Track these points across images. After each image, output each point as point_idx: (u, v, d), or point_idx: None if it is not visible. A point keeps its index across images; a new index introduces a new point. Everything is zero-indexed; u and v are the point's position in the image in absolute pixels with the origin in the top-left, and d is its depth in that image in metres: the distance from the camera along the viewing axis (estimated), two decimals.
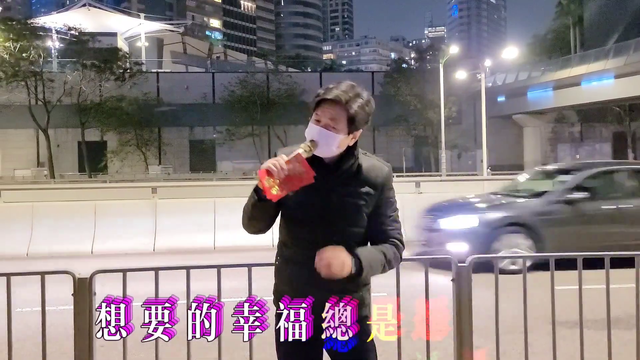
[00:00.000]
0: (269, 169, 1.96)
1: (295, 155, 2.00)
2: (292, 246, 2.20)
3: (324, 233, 2.13)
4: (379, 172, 2.20)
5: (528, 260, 5.03)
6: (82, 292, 2.66)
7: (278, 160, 1.98)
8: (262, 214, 2.14)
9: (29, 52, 42.42)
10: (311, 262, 2.08)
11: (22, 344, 4.61)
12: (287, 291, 2.19)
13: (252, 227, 2.20)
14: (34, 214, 10.77)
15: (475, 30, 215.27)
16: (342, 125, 2.10)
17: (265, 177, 1.96)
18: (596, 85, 41.16)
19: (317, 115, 2.13)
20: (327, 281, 2.10)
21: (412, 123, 49.65)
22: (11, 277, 2.75)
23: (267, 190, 1.96)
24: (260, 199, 2.05)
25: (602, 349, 4.57)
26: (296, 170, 1.98)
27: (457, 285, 2.95)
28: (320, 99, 2.13)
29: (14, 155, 48.28)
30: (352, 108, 2.10)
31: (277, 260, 2.28)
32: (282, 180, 1.97)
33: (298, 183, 2.00)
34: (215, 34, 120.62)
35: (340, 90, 2.11)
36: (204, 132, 52.02)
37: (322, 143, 2.08)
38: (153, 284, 2.82)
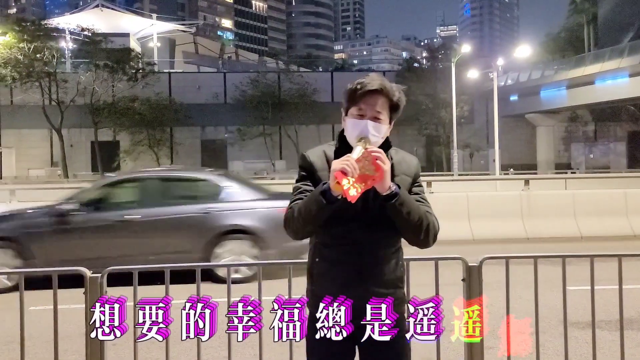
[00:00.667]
0: (343, 169, 1.92)
1: (364, 153, 1.97)
2: (334, 245, 2.16)
3: (365, 229, 2.12)
4: (410, 164, 2.24)
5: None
6: (94, 291, 2.68)
7: (349, 159, 1.95)
8: (321, 217, 2.06)
9: (42, 53, 42.74)
10: (355, 260, 2.09)
11: (34, 342, 4.65)
12: (330, 291, 2.14)
13: (304, 232, 2.15)
14: None
15: (488, 29, 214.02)
16: (386, 114, 2.12)
17: (343, 177, 1.91)
18: (610, 84, 40.77)
19: (359, 109, 2.12)
20: (372, 278, 2.11)
21: (424, 122, 49.43)
22: (23, 275, 2.76)
23: (346, 191, 1.90)
24: (331, 202, 1.98)
25: (614, 350, 4.53)
26: (366, 169, 1.95)
27: (467, 285, 2.93)
28: (361, 91, 2.11)
29: (28, 155, 48.75)
30: (395, 95, 2.13)
31: (315, 263, 2.22)
32: (356, 180, 1.92)
33: (371, 182, 1.96)
34: (226, 34, 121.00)
35: (379, 81, 2.12)
36: (215, 132, 52.18)
37: (372, 136, 2.08)
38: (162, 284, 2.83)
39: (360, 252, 2.12)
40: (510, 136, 51.06)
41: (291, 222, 2.12)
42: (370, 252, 2.13)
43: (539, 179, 23.52)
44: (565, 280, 3.10)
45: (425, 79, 49.45)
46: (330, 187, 1.97)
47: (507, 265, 3.04)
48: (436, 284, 3.00)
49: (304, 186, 2.18)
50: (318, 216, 2.05)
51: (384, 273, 2.14)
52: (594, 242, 11.01)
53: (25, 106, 44.44)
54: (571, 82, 43.65)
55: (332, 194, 1.97)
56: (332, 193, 1.97)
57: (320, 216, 2.05)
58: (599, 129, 55.18)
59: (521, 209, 11.92)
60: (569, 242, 11.09)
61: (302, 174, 2.22)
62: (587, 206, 12.08)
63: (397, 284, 2.20)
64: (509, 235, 11.28)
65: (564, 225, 11.73)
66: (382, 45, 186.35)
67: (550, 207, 12.08)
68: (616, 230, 11.57)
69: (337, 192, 1.94)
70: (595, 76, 41.51)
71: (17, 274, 2.83)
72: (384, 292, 2.14)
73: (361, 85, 2.12)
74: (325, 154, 2.20)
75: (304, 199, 2.09)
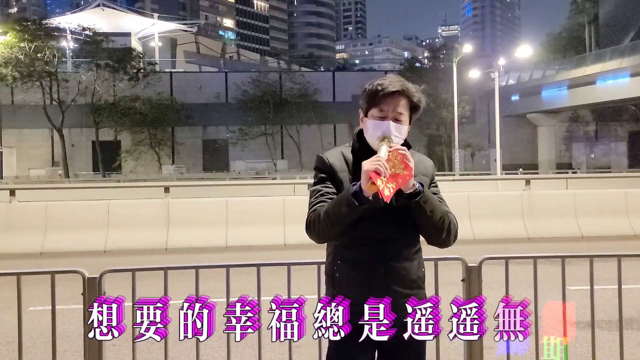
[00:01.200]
0: (377, 169, 1.92)
1: (393, 153, 1.98)
2: (355, 247, 2.14)
3: (388, 228, 2.11)
4: (427, 164, 2.29)
5: None
6: (92, 292, 2.67)
7: (380, 159, 1.95)
8: (349, 219, 2.04)
9: (43, 53, 42.82)
10: (378, 260, 2.10)
11: (34, 342, 4.65)
12: (353, 293, 2.12)
13: (330, 235, 2.12)
14: (47, 213, 10.88)
15: (489, 29, 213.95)
16: (407, 115, 2.15)
17: (377, 178, 1.90)
18: (611, 84, 40.77)
19: (381, 110, 2.13)
20: (395, 279, 2.11)
21: (426, 122, 49.41)
22: (21, 276, 2.76)
23: (382, 192, 1.89)
24: (362, 203, 1.96)
25: (614, 350, 4.52)
26: (396, 168, 1.96)
27: (467, 286, 2.93)
28: (383, 93, 2.12)
29: (29, 155, 48.82)
30: (415, 96, 2.16)
31: (336, 265, 2.18)
32: (388, 179, 1.92)
33: (402, 180, 1.96)
34: (228, 33, 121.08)
35: (399, 82, 2.14)
36: (216, 132, 52.23)
37: (394, 137, 2.09)
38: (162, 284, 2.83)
39: (383, 253, 2.11)
40: (512, 136, 51.06)
41: (316, 226, 2.09)
42: (392, 252, 2.12)
43: (540, 178, 23.50)
44: (565, 281, 3.10)
45: (427, 78, 49.40)
46: (360, 188, 1.96)
47: (507, 266, 3.04)
48: (435, 284, 3.00)
49: (325, 188, 2.15)
50: (348, 218, 2.02)
51: (407, 273, 2.14)
52: (594, 242, 10.99)
53: (26, 106, 44.53)
54: (572, 82, 43.65)
55: (364, 195, 1.96)
56: (363, 194, 1.96)
57: (350, 218, 2.03)
58: (600, 129, 55.18)
59: (522, 209, 11.90)
60: (570, 242, 11.07)
61: (322, 176, 2.18)
62: (588, 206, 12.06)
63: (420, 284, 2.20)
64: (510, 235, 11.26)
65: (565, 225, 11.71)
66: (383, 45, 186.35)
67: (551, 207, 12.06)
68: (617, 230, 11.55)
69: (369, 193, 1.94)
70: (596, 76, 41.51)
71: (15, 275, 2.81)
72: (407, 292, 2.14)
73: (382, 86, 2.12)
74: (343, 155, 2.19)
75: (331, 202, 2.06)
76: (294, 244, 9.93)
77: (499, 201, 12.34)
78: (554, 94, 46.49)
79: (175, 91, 50.44)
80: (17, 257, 9.73)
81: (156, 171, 46.81)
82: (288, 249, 10.34)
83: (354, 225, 2.09)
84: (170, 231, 10.96)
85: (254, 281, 2.93)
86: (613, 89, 40.77)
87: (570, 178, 21.75)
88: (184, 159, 50.89)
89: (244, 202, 11.81)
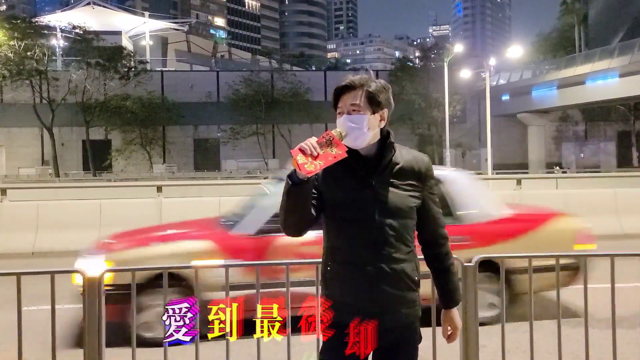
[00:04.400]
0: (301, 147, 1.96)
1: (326, 132, 2.01)
2: (347, 247, 2.13)
3: (379, 229, 2.10)
4: (420, 162, 2.24)
5: None
6: (92, 291, 2.68)
7: (309, 140, 1.99)
8: (298, 204, 2.06)
9: (33, 51, 42.49)
10: (369, 261, 2.09)
11: (30, 342, 4.63)
12: (345, 294, 2.13)
13: (289, 222, 2.12)
14: (39, 212, 10.83)
15: (480, 29, 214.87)
16: (364, 105, 2.12)
17: (299, 154, 1.96)
18: (601, 84, 41.09)
19: (339, 108, 2.16)
20: (386, 280, 2.11)
21: (417, 122, 49.62)
22: (21, 276, 2.76)
23: (301, 166, 1.94)
24: (294, 183, 2.00)
25: (606, 348, 4.58)
26: (330, 148, 1.99)
27: (463, 285, 2.97)
28: (336, 91, 2.17)
29: (18, 154, 48.46)
30: (371, 87, 2.14)
31: (329, 267, 2.18)
32: (316, 157, 1.96)
33: (332, 159, 1.99)
34: (219, 32, 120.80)
35: (352, 77, 2.17)
36: (208, 131, 52.09)
37: (352, 129, 2.09)
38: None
39: (373, 254, 2.11)
40: (502, 135, 51.33)
41: (279, 218, 2.15)
42: (383, 254, 2.11)
43: (531, 178, 23.65)
44: (559, 279, 3.15)
45: (418, 78, 49.65)
46: (295, 171, 2.00)
47: (502, 265, 3.08)
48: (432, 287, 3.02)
49: None
50: (289, 202, 2.05)
51: (398, 275, 2.13)
52: None
53: (16, 104, 44.20)
54: (562, 82, 43.95)
55: (296, 175, 1.99)
56: (297, 175, 1.99)
57: (291, 201, 2.05)
58: (589, 129, 55.61)
59: None
60: None
61: None
62: (578, 206, 12.16)
63: (411, 285, 2.18)
64: None
65: None
66: (374, 45, 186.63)
67: (542, 206, 12.16)
68: (606, 229, 11.64)
69: (301, 173, 1.97)
70: (585, 76, 41.82)
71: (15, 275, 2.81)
72: (398, 294, 2.13)
73: (336, 86, 2.19)
74: None
75: None
76: None
77: None
78: (544, 93, 46.79)
79: (167, 90, 50.27)
80: (9, 257, 9.67)
81: (147, 170, 46.63)
82: None
83: (344, 225, 2.12)
84: None
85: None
86: (602, 89, 41.09)
87: (560, 177, 21.92)
88: (175, 158, 50.74)
89: (237, 201, 11.78)
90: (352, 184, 2.11)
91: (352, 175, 2.12)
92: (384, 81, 2.22)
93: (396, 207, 2.12)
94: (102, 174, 43.78)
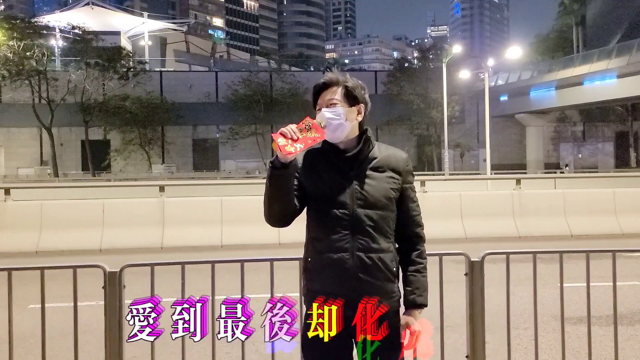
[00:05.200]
0: (281, 131, 2.06)
1: (305, 119, 2.12)
2: (327, 239, 2.20)
3: (357, 220, 2.19)
4: (398, 157, 2.32)
5: None
6: (112, 286, 2.76)
7: (290, 125, 2.09)
8: (280, 190, 2.14)
9: (32, 51, 42.47)
10: (348, 253, 2.17)
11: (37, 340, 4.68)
12: (324, 285, 2.20)
13: (272, 211, 2.20)
14: (43, 212, 10.88)
15: (478, 30, 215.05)
16: (342, 100, 2.25)
17: (279, 137, 2.05)
18: (599, 85, 41.16)
19: (318, 105, 2.29)
20: (365, 271, 2.17)
21: (415, 122, 49.69)
22: (45, 270, 2.83)
23: (282, 148, 2.03)
24: (275, 167, 2.09)
25: (605, 345, 4.67)
26: (308, 133, 2.09)
27: (470, 280, 3.04)
28: (316, 89, 2.30)
29: (17, 154, 48.42)
30: (347, 82, 2.28)
31: (310, 259, 2.27)
32: (296, 140, 2.06)
33: (311, 142, 2.09)
34: (217, 32, 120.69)
35: (330, 75, 2.30)
36: (207, 131, 52.09)
37: (331, 121, 2.19)
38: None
39: (353, 245, 2.18)
40: (500, 136, 51.42)
41: (264, 208, 2.23)
42: (362, 244, 2.19)
43: (530, 178, 23.72)
44: (563, 276, 3.22)
45: (417, 79, 49.70)
46: (277, 157, 2.10)
47: (508, 260, 3.15)
48: (440, 280, 3.10)
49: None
50: (272, 187, 2.14)
51: (376, 265, 2.20)
52: (584, 240, 11.16)
53: (15, 104, 44.15)
54: (560, 82, 44.01)
55: (277, 160, 2.09)
56: (279, 160, 2.09)
57: (274, 187, 2.14)
58: (587, 129, 55.71)
59: (513, 208, 12.05)
60: (560, 240, 11.24)
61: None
62: (577, 205, 12.25)
63: (389, 276, 2.23)
64: (501, 234, 11.40)
65: (555, 224, 11.89)
66: (373, 45, 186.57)
67: (541, 206, 12.23)
68: (605, 228, 11.76)
69: (280, 155, 2.07)
70: (583, 77, 41.88)
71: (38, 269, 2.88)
72: (377, 283, 2.20)
73: (315, 84, 2.33)
74: (314, 151, 2.29)
75: None
76: (288, 243, 10.01)
77: (490, 201, 12.47)
78: (542, 94, 46.86)
79: (165, 90, 50.26)
80: (13, 256, 9.71)
81: (146, 170, 46.63)
82: (282, 247, 10.41)
83: (324, 216, 2.21)
84: (165, 230, 11.01)
85: (248, 279, 3.00)
86: (600, 89, 41.16)
87: (558, 178, 22.00)
88: (174, 159, 50.74)
89: (238, 201, 11.85)
90: (332, 176, 2.21)
91: (332, 169, 2.23)
92: (361, 81, 2.35)
93: (374, 199, 2.21)
94: (101, 174, 43.77)
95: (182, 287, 2.84)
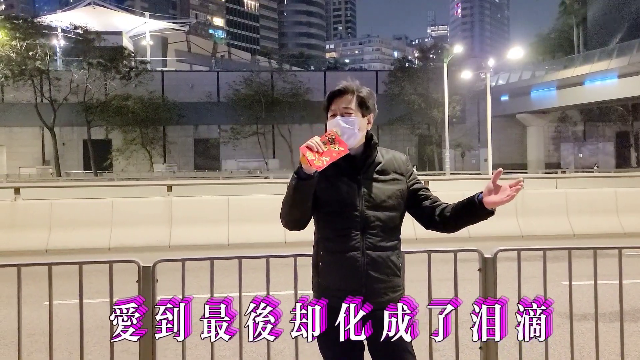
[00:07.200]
0: (308, 145, 2.19)
1: (328, 131, 2.26)
2: (337, 237, 2.36)
3: (366, 220, 2.35)
4: (399, 159, 2.51)
5: None
6: (146, 280, 2.90)
7: (314, 138, 2.23)
8: (303, 198, 2.28)
9: (35, 51, 42.52)
10: (357, 250, 2.32)
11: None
12: (334, 282, 2.34)
13: (292, 217, 2.35)
14: (52, 211, 11.02)
15: (478, 30, 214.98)
16: (356, 109, 2.40)
17: (307, 151, 2.17)
18: (599, 85, 41.25)
19: (331, 110, 2.42)
20: (373, 267, 2.33)
21: (416, 122, 49.76)
22: (83, 265, 2.96)
23: (311, 162, 2.16)
24: (301, 178, 2.21)
25: (608, 340, 4.81)
26: (332, 146, 2.22)
27: (483, 275, 3.17)
28: (330, 95, 2.44)
29: (19, 153, 48.50)
30: (362, 92, 2.43)
31: (321, 257, 2.41)
32: (322, 154, 2.19)
33: (336, 155, 2.22)
34: (218, 32, 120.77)
35: (345, 83, 2.44)
36: (208, 131, 52.17)
37: (345, 129, 2.35)
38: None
39: (362, 243, 2.34)
40: (501, 136, 51.50)
41: (281, 211, 2.37)
42: (371, 242, 2.35)
43: (531, 178, 23.84)
44: (571, 272, 3.34)
45: (417, 78, 49.75)
46: (302, 167, 2.22)
47: (519, 257, 3.28)
48: (455, 277, 3.22)
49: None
50: (296, 197, 2.27)
51: (385, 262, 2.36)
52: (586, 239, 11.27)
53: (17, 104, 44.24)
54: (561, 82, 44.09)
55: (302, 171, 2.22)
56: (304, 171, 2.21)
57: (298, 196, 2.27)
58: (588, 129, 55.80)
59: (515, 208, 12.15)
60: (563, 239, 11.35)
61: None
62: (578, 205, 12.37)
63: (396, 272, 2.41)
64: (504, 233, 11.47)
65: (557, 223, 12.02)
66: (373, 45, 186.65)
67: (543, 206, 12.34)
68: (607, 228, 11.88)
69: (307, 168, 2.18)
70: (584, 77, 41.97)
71: (76, 264, 3.01)
72: (385, 279, 2.36)
73: (331, 90, 2.45)
74: None
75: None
76: (294, 241, 10.09)
77: None
78: (543, 94, 46.94)
79: (167, 90, 50.34)
80: (23, 255, 9.83)
81: (147, 170, 46.71)
82: (288, 246, 10.52)
83: (334, 218, 2.35)
84: (172, 229, 11.15)
85: (273, 275, 3.11)
86: (601, 89, 41.25)
87: (559, 178, 22.12)
88: (175, 158, 50.83)
89: (245, 200, 11.99)
90: (342, 180, 2.36)
91: (341, 173, 2.37)
92: (370, 89, 2.50)
93: (381, 200, 2.38)
94: (103, 174, 43.87)
95: (211, 284, 2.97)
